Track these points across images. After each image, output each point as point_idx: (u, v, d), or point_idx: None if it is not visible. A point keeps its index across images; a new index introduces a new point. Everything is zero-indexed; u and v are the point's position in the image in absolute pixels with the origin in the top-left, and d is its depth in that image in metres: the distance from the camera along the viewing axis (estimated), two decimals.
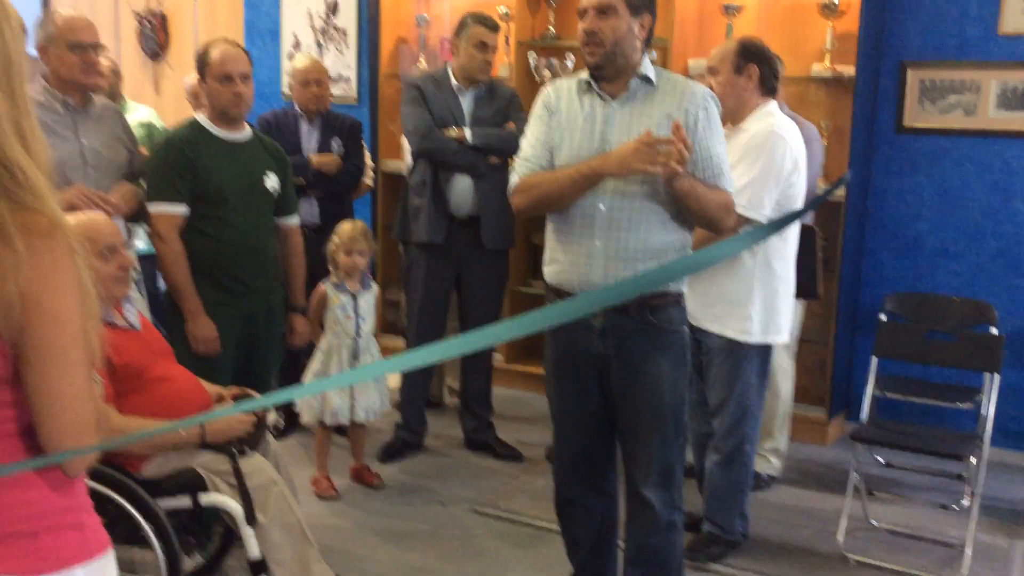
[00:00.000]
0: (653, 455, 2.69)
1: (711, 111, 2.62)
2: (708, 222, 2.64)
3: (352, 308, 3.76)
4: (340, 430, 4.05)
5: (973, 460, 3.49)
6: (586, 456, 2.83)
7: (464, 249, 4.14)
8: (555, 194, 2.62)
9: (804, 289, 3.92)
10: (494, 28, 4.04)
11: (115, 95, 4.65)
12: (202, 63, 3.35)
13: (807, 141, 3.85)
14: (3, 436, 1.32)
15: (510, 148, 3.99)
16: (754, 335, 3.23)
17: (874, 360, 3.91)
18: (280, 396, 1.28)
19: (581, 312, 0.89)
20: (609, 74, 2.63)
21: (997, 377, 3.71)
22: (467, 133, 4.00)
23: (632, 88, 2.62)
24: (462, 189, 4.07)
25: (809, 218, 4.04)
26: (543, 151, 2.68)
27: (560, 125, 2.67)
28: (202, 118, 3.40)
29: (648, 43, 2.67)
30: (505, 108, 4.11)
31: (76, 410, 1.31)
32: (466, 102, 4.08)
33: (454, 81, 4.07)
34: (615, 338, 2.65)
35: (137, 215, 3.37)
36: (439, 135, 4.00)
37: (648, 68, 2.65)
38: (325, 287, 3.77)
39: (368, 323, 3.81)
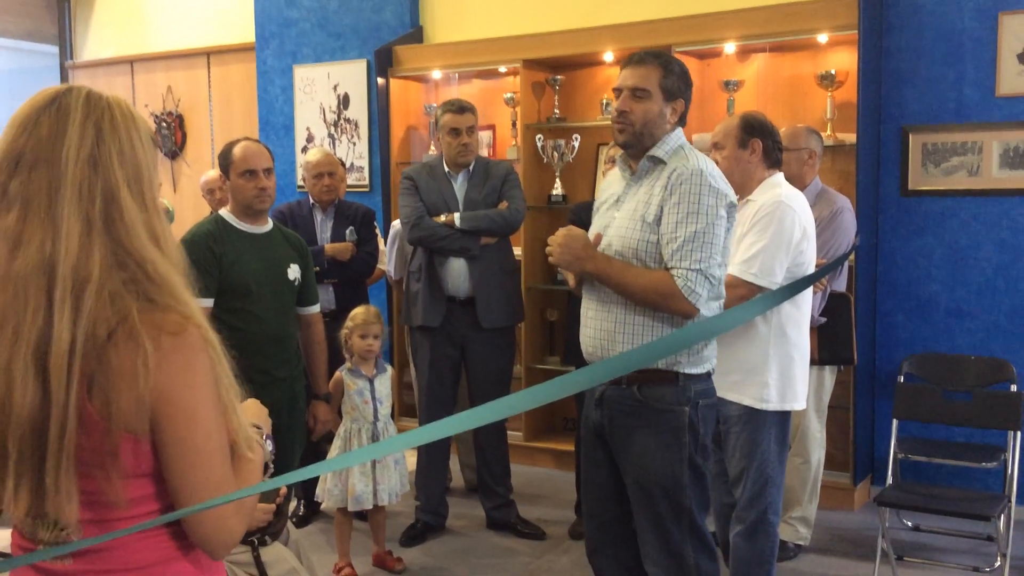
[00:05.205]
0: (648, 532, 2.65)
1: (688, 188, 2.53)
2: (643, 304, 2.56)
3: (369, 392, 3.79)
4: (360, 514, 4.04)
5: (1001, 520, 3.44)
6: (607, 527, 2.79)
7: (466, 330, 4.19)
8: None
9: (840, 355, 3.91)
10: (460, 111, 4.11)
11: None
12: (225, 160, 3.44)
13: (840, 211, 3.91)
14: (149, 530, 1.35)
15: (500, 228, 4.09)
16: (771, 402, 3.22)
17: (895, 423, 3.89)
18: (300, 474, 1.23)
19: (581, 384, 0.91)
20: (635, 153, 2.67)
21: (1020, 435, 3.68)
22: (456, 218, 4.08)
23: (641, 168, 2.65)
24: (457, 271, 4.14)
25: (842, 285, 4.06)
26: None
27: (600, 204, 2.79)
28: (226, 213, 3.47)
29: (681, 124, 2.69)
30: (500, 186, 4.17)
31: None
32: (458, 185, 4.18)
33: (446, 167, 4.18)
34: (608, 409, 2.67)
35: None
36: (428, 222, 4.08)
37: (661, 147, 2.62)
38: (341, 374, 3.81)
39: (385, 406, 3.83)
